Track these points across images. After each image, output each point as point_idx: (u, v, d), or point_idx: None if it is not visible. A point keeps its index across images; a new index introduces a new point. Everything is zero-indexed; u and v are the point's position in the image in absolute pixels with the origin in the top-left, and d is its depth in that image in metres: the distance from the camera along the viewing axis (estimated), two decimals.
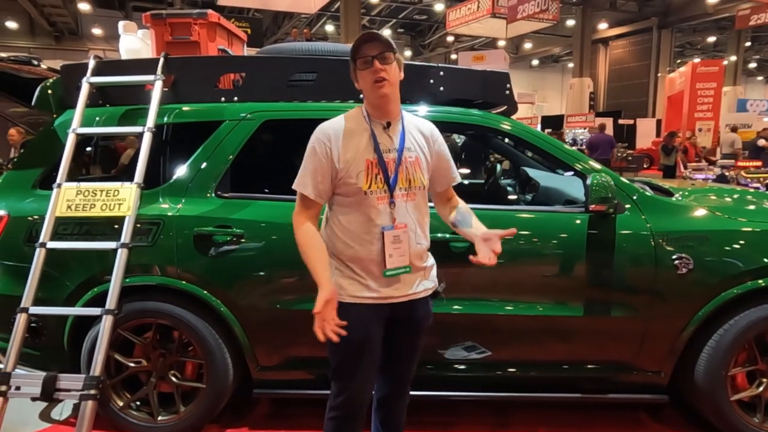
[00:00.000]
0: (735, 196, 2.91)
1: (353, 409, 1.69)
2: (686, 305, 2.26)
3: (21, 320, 2.21)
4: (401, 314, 1.69)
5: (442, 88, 2.50)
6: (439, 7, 21.17)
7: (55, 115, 2.56)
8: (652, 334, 2.30)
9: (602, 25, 24.18)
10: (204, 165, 2.40)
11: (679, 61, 27.70)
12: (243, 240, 2.29)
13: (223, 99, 2.49)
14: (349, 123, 1.65)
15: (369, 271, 1.62)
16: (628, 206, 2.32)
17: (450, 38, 25.44)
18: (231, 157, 2.40)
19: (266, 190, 2.62)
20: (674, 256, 2.24)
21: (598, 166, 2.41)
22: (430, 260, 1.79)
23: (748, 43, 25.81)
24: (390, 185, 1.61)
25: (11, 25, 21.19)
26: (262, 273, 2.30)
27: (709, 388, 2.30)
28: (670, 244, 2.25)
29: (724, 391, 2.29)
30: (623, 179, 2.43)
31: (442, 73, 2.50)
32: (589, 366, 2.39)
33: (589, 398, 2.45)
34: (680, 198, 2.63)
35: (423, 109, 2.47)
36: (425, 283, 1.74)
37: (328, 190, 1.63)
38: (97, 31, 21.64)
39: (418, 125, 1.75)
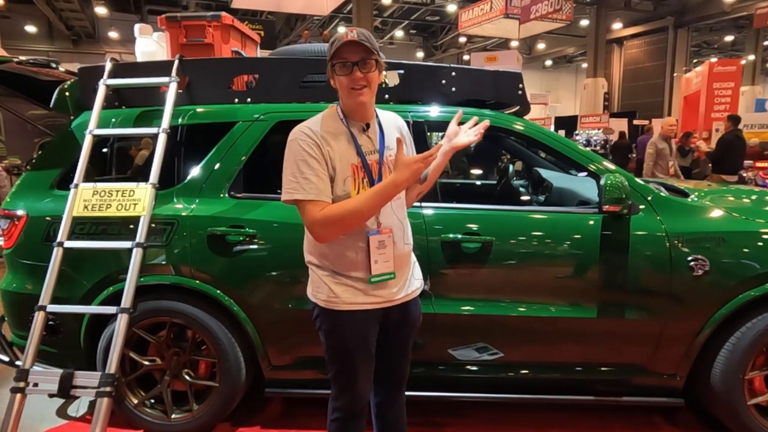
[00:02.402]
0: (753, 197, 2.86)
1: (356, 408, 1.68)
2: (702, 307, 2.23)
3: (39, 318, 2.25)
4: (396, 317, 1.67)
5: (454, 89, 2.50)
6: (451, 8, 21.12)
7: (72, 117, 2.61)
8: (667, 337, 2.27)
9: (617, 25, 23.88)
10: (217, 166, 2.42)
11: (695, 60, 27.26)
12: (256, 240, 2.31)
13: (236, 100, 2.52)
14: (327, 126, 1.56)
15: (360, 278, 1.57)
16: (642, 207, 2.30)
17: (462, 39, 25.35)
18: (244, 157, 2.42)
19: (279, 191, 2.63)
20: (690, 258, 2.21)
21: (612, 166, 2.39)
22: (413, 258, 1.77)
23: (767, 42, 25.34)
24: None
25: (30, 29, 21.56)
26: (274, 273, 2.32)
27: (725, 392, 2.26)
28: (686, 246, 2.22)
29: (741, 395, 2.26)
30: (638, 180, 2.41)
31: (454, 73, 2.50)
32: (602, 368, 2.37)
33: (603, 401, 2.42)
34: (696, 199, 2.60)
35: (435, 109, 2.47)
36: (414, 282, 1.73)
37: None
38: (113, 34, 21.95)
39: (392, 120, 1.71)
